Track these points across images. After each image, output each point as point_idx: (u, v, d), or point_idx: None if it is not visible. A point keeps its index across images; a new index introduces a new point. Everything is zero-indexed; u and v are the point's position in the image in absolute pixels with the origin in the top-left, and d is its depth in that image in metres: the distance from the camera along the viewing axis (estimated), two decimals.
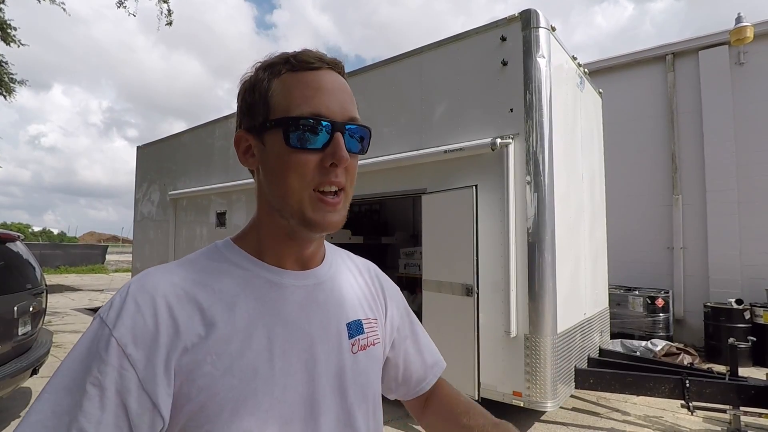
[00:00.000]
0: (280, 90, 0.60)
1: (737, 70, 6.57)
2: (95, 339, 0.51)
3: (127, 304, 0.53)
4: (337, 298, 0.68)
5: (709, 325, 6.01)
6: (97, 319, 0.53)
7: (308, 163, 0.58)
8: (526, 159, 3.50)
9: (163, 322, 0.53)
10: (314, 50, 0.63)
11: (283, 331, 0.59)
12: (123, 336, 0.51)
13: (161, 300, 0.54)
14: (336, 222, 0.60)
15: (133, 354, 0.50)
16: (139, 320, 0.52)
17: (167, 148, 7.88)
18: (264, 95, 0.61)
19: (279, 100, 0.59)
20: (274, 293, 0.61)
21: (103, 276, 18.73)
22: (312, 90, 0.59)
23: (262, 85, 0.61)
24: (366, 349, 0.69)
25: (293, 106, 0.58)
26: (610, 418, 3.97)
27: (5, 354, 3.31)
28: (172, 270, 0.59)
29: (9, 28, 9.88)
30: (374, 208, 7.80)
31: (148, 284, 0.55)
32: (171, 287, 0.56)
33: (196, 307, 0.56)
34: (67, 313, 9.30)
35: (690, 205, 6.83)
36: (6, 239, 3.74)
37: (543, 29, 3.55)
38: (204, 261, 0.62)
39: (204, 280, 0.59)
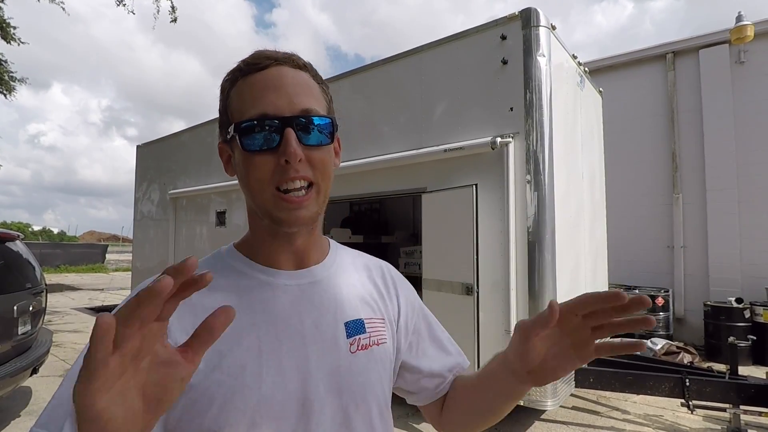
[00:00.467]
0: (235, 97, 0.62)
1: (737, 69, 6.56)
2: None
3: (131, 298, 0.56)
4: (335, 297, 0.67)
5: (709, 323, 6.01)
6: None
7: (265, 165, 0.59)
8: (526, 158, 3.50)
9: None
10: (269, 50, 0.63)
11: (273, 329, 0.60)
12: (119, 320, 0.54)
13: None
14: (304, 217, 0.60)
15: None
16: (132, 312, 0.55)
17: (167, 147, 7.88)
18: (225, 106, 0.63)
19: (235, 107, 0.61)
20: (265, 293, 0.63)
21: (103, 275, 18.73)
22: (258, 90, 0.59)
23: (223, 95, 0.64)
24: (368, 349, 0.67)
25: (244, 111, 0.59)
26: (610, 417, 3.97)
27: (5, 353, 3.31)
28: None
29: (9, 27, 9.87)
30: (374, 207, 7.79)
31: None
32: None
33: (188, 309, 0.57)
34: (67, 312, 9.30)
35: (690, 204, 6.83)
36: (6, 238, 3.74)
37: (543, 28, 3.54)
38: (205, 266, 0.65)
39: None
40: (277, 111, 0.58)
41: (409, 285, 0.83)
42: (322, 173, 0.62)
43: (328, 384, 0.61)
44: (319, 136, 0.61)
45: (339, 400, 0.62)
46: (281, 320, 0.61)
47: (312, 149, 0.60)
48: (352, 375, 0.64)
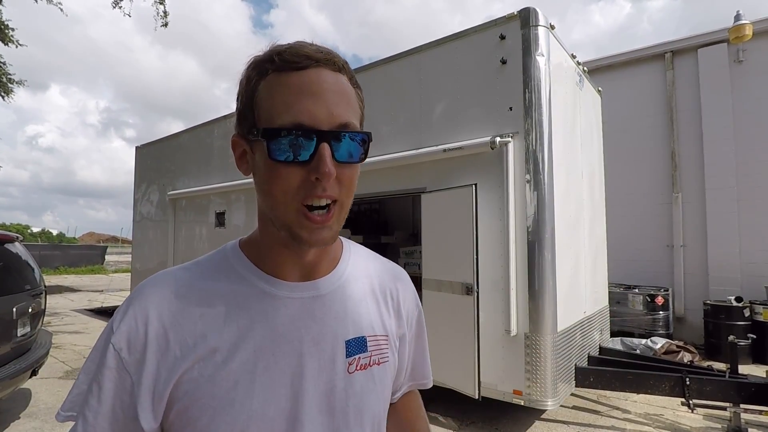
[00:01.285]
0: (264, 94, 0.55)
1: (736, 68, 6.56)
2: (103, 339, 0.57)
3: (127, 312, 0.57)
4: (339, 313, 0.64)
5: (709, 322, 6.01)
6: (111, 319, 0.58)
7: (292, 178, 0.54)
8: (525, 157, 3.50)
9: (153, 331, 0.56)
10: (310, 43, 0.58)
11: (270, 344, 0.58)
12: (119, 341, 0.55)
13: (154, 310, 0.57)
14: (326, 238, 0.56)
15: (127, 359, 0.55)
16: (133, 327, 0.56)
17: (166, 148, 7.87)
18: (251, 100, 0.57)
19: (263, 107, 0.55)
20: (266, 305, 0.60)
21: (103, 276, 18.71)
22: (294, 95, 0.53)
23: (249, 87, 0.57)
24: (366, 369, 0.64)
25: (275, 115, 0.54)
26: (610, 416, 3.97)
27: (4, 355, 3.31)
28: (174, 276, 0.61)
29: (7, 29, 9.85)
30: (374, 207, 7.79)
31: (145, 292, 0.59)
32: (167, 295, 0.59)
33: (188, 317, 0.58)
34: (67, 314, 9.29)
35: (690, 203, 6.84)
36: (5, 240, 3.73)
37: (542, 27, 3.54)
38: (208, 265, 0.63)
39: (202, 287, 0.60)
40: (313, 122, 0.53)
41: (415, 294, 0.81)
42: (348, 191, 0.58)
43: (320, 404, 0.59)
44: (352, 153, 0.57)
45: (331, 421, 0.60)
46: (279, 335, 0.59)
47: (343, 166, 0.56)
48: (347, 396, 0.61)
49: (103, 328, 0.59)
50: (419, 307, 0.81)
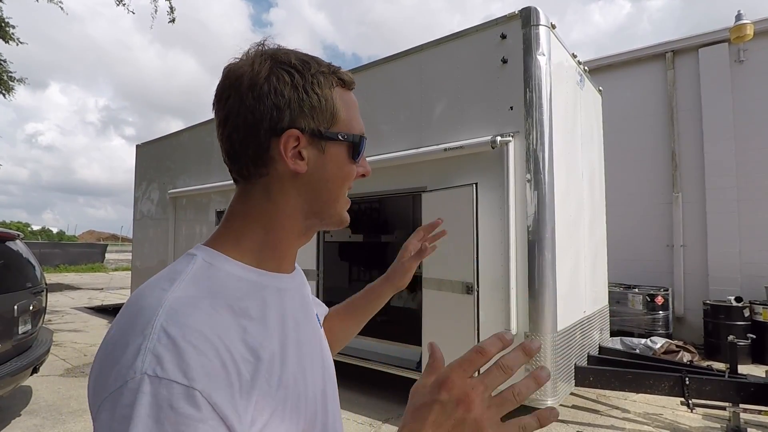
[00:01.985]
0: (341, 105, 0.62)
1: (737, 68, 6.56)
2: (163, 402, 0.41)
3: (186, 349, 0.44)
4: (308, 292, 0.73)
5: (709, 322, 6.02)
6: (147, 379, 0.42)
7: (355, 175, 0.65)
8: (526, 157, 3.50)
9: (227, 358, 0.47)
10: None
11: (297, 334, 0.61)
12: (204, 385, 0.43)
13: (214, 336, 0.47)
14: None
15: (219, 404, 0.44)
16: (207, 363, 0.45)
17: (166, 146, 7.87)
18: (330, 103, 0.61)
19: (342, 114, 0.62)
20: (282, 300, 0.61)
21: (103, 275, 18.74)
22: (357, 110, 0.65)
23: (326, 91, 0.60)
24: (324, 335, 0.76)
25: (354, 124, 0.64)
26: (609, 416, 3.98)
27: (6, 353, 3.32)
28: (190, 300, 0.50)
29: (8, 26, 9.85)
30: (374, 206, 7.79)
31: (190, 322, 0.47)
32: (204, 317, 0.49)
33: (235, 334, 0.50)
34: (67, 311, 9.30)
35: (690, 203, 6.84)
36: (6, 238, 3.74)
37: (543, 27, 3.54)
38: (208, 284, 0.54)
39: (223, 301, 0.53)
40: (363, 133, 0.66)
41: None
42: None
43: (327, 372, 0.68)
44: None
45: (332, 383, 0.69)
46: (299, 323, 0.63)
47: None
48: (329, 356, 0.72)
49: (129, 396, 0.41)
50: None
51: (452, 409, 0.45)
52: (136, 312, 0.48)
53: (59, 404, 4.13)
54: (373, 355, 4.51)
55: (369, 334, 4.82)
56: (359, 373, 4.57)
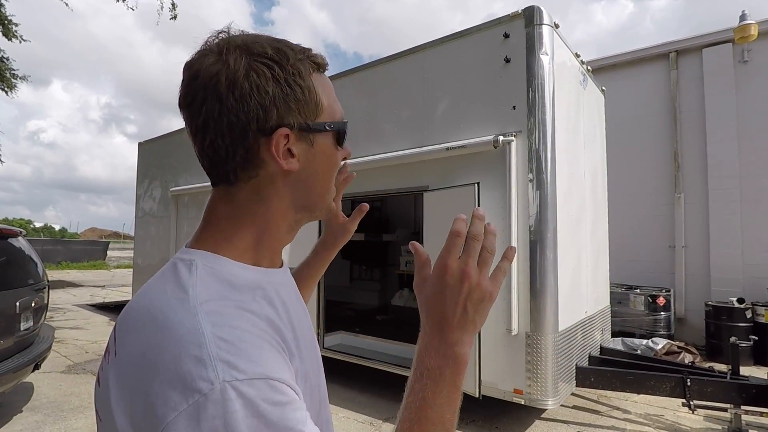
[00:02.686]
0: (321, 91, 0.58)
1: (741, 68, 6.54)
2: (256, 399, 0.42)
3: (247, 349, 0.45)
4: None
5: (711, 323, 6.01)
6: (228, 386, 0.41)
7: (340, 160, 0.64)
8: (528, 157, 3.50)
9: (277, 347, 0.49)
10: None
11: (300, 329, 0.60)
12: (279, 374, 0.45)
13: (258, 330, 0.48)
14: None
15: (293, 384, 0.46)
16: (269, 355, 0.47)
17: (168, 144, 7.88)
18: (312, 93, 0.57)
19: (324, 103, 0.59)
20: (281, 295, 0.60)
21: (105, 272, 18.78)
22: (334, 93, 0.62)
23: (306, 81, 0.56)
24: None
25: (336, 109, 0.61)
26: (610, 416, 3.97)
27: (7, 349, 3.33)
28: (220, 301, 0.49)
29: (10, 24, 9.87)
30: (376, 205, 7.79)
31: (235, 323, 0.47)
32: (246, 316, 0.49)
33: (271, 327, 0.51)
34: (69, 308, 9.33)
35: (692, 204, 6.82)
36: (8, 235, 3.75)
37: (546, 26, 3.53)
38: (219, 286, 0.52)
39: (247, 301, 0.52)
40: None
41: None
42: None
43: (320, 365, 0.67)
44: None
45: (321, 371, 0.68)
46: (298, 313, 0.62)
47: None
48: (317, 347, 0.71)
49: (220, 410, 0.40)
50: None
51: (459, 286, 0.55)
52: (172, 326, 0.45)
53: (61, 401, 4.14)
54: (374, 354, 4.51)
55: (370, 333, 4.82)
56: (360, 372, 4.57)
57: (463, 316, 0.55)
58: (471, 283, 0.55)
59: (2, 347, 3.26)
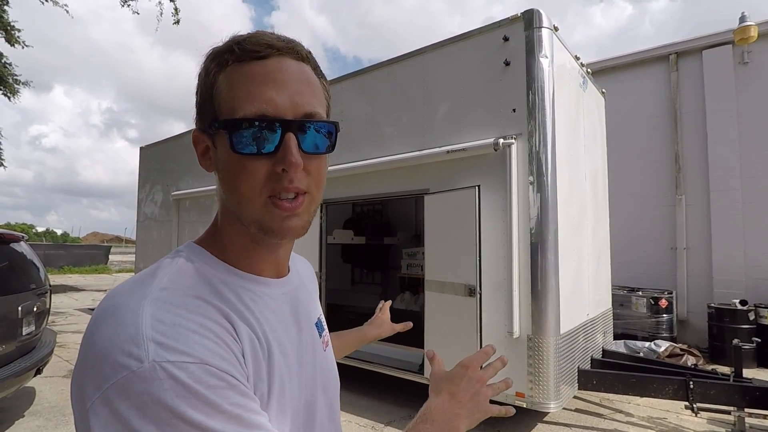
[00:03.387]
0: (224, 86, 0.53)
1: (741, 70, 6.54)
2: (185, 380, 0.42)
3: (184, 333, 0.45)
4: (307, 300, 0.69)
5: (713, 326, 5.98)
6: (157, 365, 0.42)
7: (257, 171, 0.52)
8: (528, 159, 3.50)
9: (224, 339, 0.48)
10: (269, 32, 0.56)
11: (287, 343, 0.58)
12: (215, 361, 0.45)
13: (204, 320, 0.48)
14: (297, 227, 0.55)
15: (234, 372, 0.46)
16: (208, 342, 0.46)
17: (170, 148, 7.90)
18: (210, 92, 0.54)
19: (224, 99, 0.53)
20: (272, 306, 0.59)
21: (107, 276, 18.79)
22: (257, 85, 0.52)
23: (208, 79, 0.55)
24: (328, 344, 0.74)
25: (237, 106, 0.52)
26: (613, 419, 3.95)
27: (9, 354, 3.33)
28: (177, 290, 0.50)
29: (13, 30, 9.94)
30: (377, 208, 7.79)
31: (177, 309, 0.47)
32: (198, 307, 0.49)
33: (230, 326, 0.50)
34: (71, 313, 9.33)
35: (693, 206, 6.81)
36: (10, 240, 3.76)
37: (546, 29, 3.54)
38: (187, 279, 0.52)
39: (212, 298, 0.52)
40: (277, 112, 0.52)
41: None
42: (317, 183, 0.56)
43: (320, 385, 0.65)
44: (319, 143, 0.55)
45: (326, 397, 0.66)
46: (288, 332, 0.60)
47: (310, 157, 0.55)
48: (329, 371, 0.69)
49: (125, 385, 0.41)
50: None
51: (473, 383, 0.71)
52: (118, 307, 0.47)
53: (62, 405, 4.14)
54: (376, 358, 4.50)
55: None
56: (361, 376, 4.56)
57: (470, 399, 0.70)
58: (480, 388, 0.71)
59: (4, 352, 3.26)
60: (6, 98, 10.71)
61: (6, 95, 10.66)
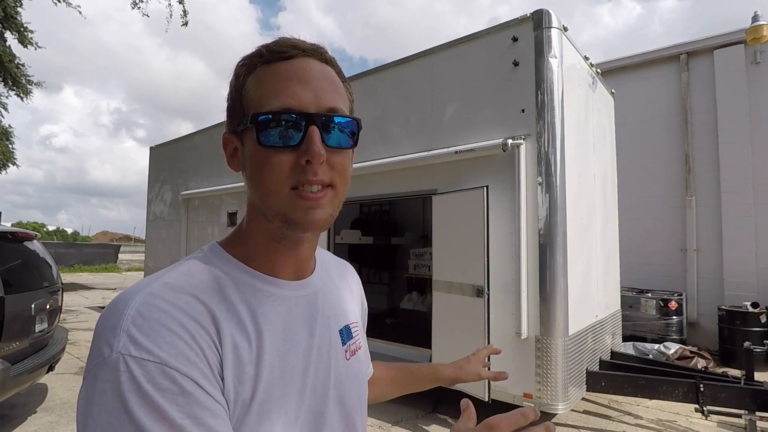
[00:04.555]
0: (253, 85, 0.56)
1: (753, 70, 6.46)
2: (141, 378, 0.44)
3: (158, 330, 0.46)
4: (332, 306, 0.67)
5: (724, 328, 5.92)
6: (122, 358, 0.44)
7: (282, 163, 0.54)
8: (537, 160, 3.49)
9: (199, 341, 0.48)
10: (293, 37, 0.59)
11: (291, 346, 0.58)
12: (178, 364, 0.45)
13: (186, 319, 0.49)
14: (320, 219, 0.55)
15: (197, 378, 0.46)
16: (179, 344, 0.47)
17: (179, 148, 7.98)
18: (239, 93, 0.58)
19: (252, 96, 0.56)
20: (279, 307, 0.59)
21: (116, 275, 18.99)
22: (283, 82, 0.55)
23: (238, 82, 0.58)
24: (356, 354, 0.69)
25: (264, 102, 0.55)
26: (621, 422, 3.93)
27: (23, 350, 3.38)
28: (166, 291, 0.51)
29: (26, 31, 10.08)
30: (384, 208, 7.80)
31: (163, 305, 0.49)
32: (186, 305, 0.50)
33: (214, 328, 0.51)
34: (81, 311, 9.45)
35: (704, 207, 6.74)
36: (24, 238, 3.82)
37: (555, 29, 3.53)
38: (198, 276, 0.55)
39: (209, 300, 0.53)
40: (301, 106, 0.54)
41: (361, 285, 0.88)
42: (341, 177, 0.58)
43: (335, 395, 0.62)
44: (342, 138, 0.57)
45: (343, 409, 0.63)
46: (296, 336, 0.59)
47: (334, 151, 0.56)
48: (350, 383, 0.65)
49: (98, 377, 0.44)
50: (365, 299, 0.87)
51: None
52: (124, 295, 0.51)
53: (74, 402, 4.19)
54: (383, 357, 4.51)
55: (379, 336, 4.82)
56: None
57: None
58: None
59: (18, 349, 3.31)
60: (19, 99, 10.87)
61: (19, 96, 10.83)
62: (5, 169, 11.68)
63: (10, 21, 9.66)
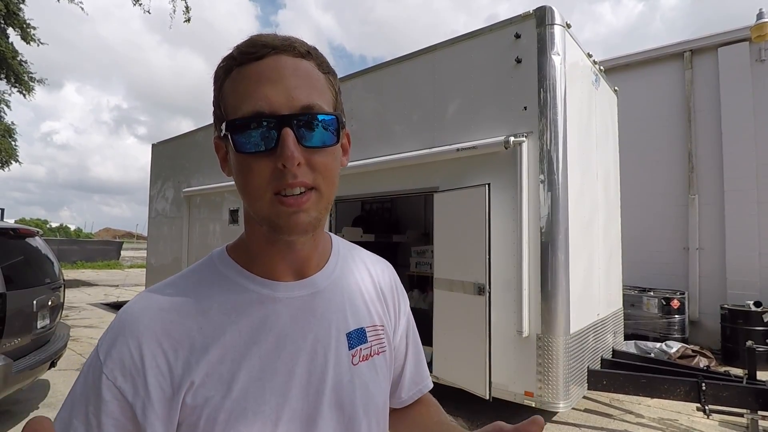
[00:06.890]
0: (229, 90, 0.55)
1: (758, 67, 6.42)
2: (92, 370, 0.52)
3: (116, 338, 0.53)
4: (338, 307, 0.64)
5: (726, 327, 5.90)
6: (95, 351, 0.53)
7: (262, 169, 0.52)
8: (539, 157, 3.47)
9: (149, 353, 0.52)
10: (269, 34, 0.56)
11: (275, 348, 0.57)
12: (112, 371, 0.51)
13: (146, 330, 0.53)
14: (305, 223, 0.54)
15: (124, 387, 0.51)
16: (126, 354, 0.52)
17: (181, 145, 7.98)
18: (218, 98, 0.57)
19: (228, 102, 0.55)
20: (266, 308, 0.59)
21: (119, 272, 19.04)
22: (253, 84, 0.53)
23: (217, 86, 0.58)
24: (369, 359, 0.65)
25: (237, 108, 0.53)
26: (623, 420, 3.92)
27: (25, 347, 3.39)
28: (162, 293, 0.58)
29: (29, 28, 10.09)
30: (386, 206, 7.80)
31: (134, 313, 0.55)
32: (158, 313, 0.55)
33: (185, 332, 0.54)
34: (84, 307, 9.48)
35: (707, 205, 6.71)
36: (26, 234, 3.83)
37: (558, 26, 3.51)
38: (196, 277, 0.60)
39: (195, 299, 0.57)
40: (272, 108, 0.52)
41: (400, 283, 0.82)
42: (324, 177, 0.55)
43: (331, 400, 0.59)
44: (322, 136, 0.54)
45: (341, 415, 0.60)
46: (283, 337, 0.58)
47: (314, 151, 0.54)
48: (354, 388, 0.62)
49: (88, 358, 0.54)
50: (407, 299, 0.81)
51: None
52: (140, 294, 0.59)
53: None
54: None
55: None
56: None
57: None
58: None
59: (20, 345, 3.32)
60: (21, 95, 10.89)
61: (21, 92, 10.84)
62: (8, 165, 11.70)
63: (12, 17, 9.66)
